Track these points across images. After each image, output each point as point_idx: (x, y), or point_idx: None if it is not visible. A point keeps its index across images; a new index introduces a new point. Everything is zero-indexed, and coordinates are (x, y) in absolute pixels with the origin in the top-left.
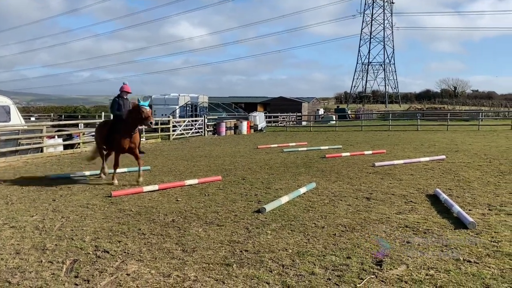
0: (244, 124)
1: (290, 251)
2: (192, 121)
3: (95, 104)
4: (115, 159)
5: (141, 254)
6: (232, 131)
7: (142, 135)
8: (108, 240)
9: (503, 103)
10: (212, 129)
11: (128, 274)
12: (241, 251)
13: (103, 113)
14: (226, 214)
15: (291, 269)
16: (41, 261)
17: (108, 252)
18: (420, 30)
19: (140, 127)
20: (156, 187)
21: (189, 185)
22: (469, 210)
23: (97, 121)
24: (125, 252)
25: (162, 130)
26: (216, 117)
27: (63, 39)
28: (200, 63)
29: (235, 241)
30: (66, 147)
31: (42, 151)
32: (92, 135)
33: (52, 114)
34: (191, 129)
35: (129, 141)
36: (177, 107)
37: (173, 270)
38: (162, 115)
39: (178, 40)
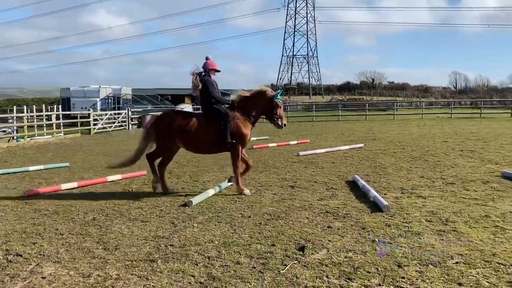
0: None
1: (217, 242)
2: (115, 114)
3: (7, 97)
4: (237, 159)
5: (59, 256)
6: None
7: (60, 129)
8: (21, 243)
9: (415, 93)
10: (137, 122)
11: (43, 277)
12: (166, 246)
13: (15, 107)
14: (151, 210)
15: (217, 261)
16: None
17: (21, 256)
18: (339, 24)
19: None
20: (75, 184)
21: (112, 181)
22: (384, 194)
23: (8, 115)
24: (40, 255)
25: (82, 124)
26: (141, 109)
27: None
28: (121, 53)
29: (160, 236)
30: None
31: None
32: (3, 131)
33: None
34: (114, 122)
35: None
36: (98, 99)
37: (94, 270)
38: (82, 108)
39: (97, 29)
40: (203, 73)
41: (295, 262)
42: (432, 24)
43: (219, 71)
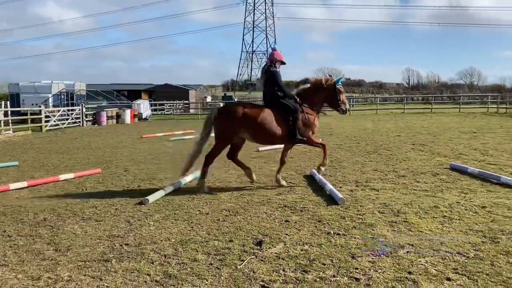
0: (127, 113)
1: (173, 240)
2: (68, 110)
3: None
4: (315, 142)
5: (6, 259)
6: (114, 121)
7: (9, 127)
8: None
9: (371, 90)
10: (91, 118)
11: None
12: (121, 245)
13: None
14: (106, 209)
15: (173, 258)
16: None
17: None
18: (298, 21)
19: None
20: (25, 183)
21: (64, 180)
22: (340, 187)
23: None
24: None
25: (33, 121)
26: (96, 105)
27: None
28: (74, 47)
29: (115, 235)
30: None
31: None
32: None
33: None
34: (67, 119)
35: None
36: (50, 95)
37: (44, 272)
38: (33, 104)
39: (48, 22)
40: (268, 64)
41: (252, 257)
42: (385, 21)
43: (285, 63)
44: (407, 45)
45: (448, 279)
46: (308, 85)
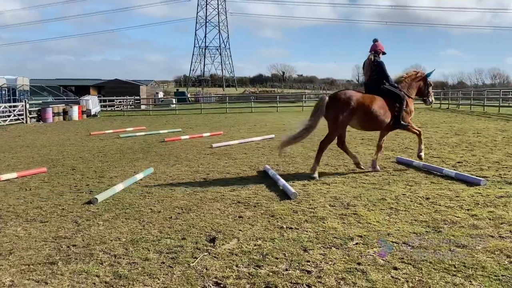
0: (75, 109)
1: (124, 240)
2: (10, 107)
3: None
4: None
5: None
6: (61, 117)
7: None
8: None
9: (322, 86)
10: (36, 115)
11: None
12: (68, 247)
13: None
14: (52, 209)
15: (123, 258)
16: None
17: None
18: (251, 17)
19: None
20: None
21: (6, 180)
22: (293, 182)
23: None
24: None
25: None
26: (41, 102)
27: None
28: (16, 40)
29: (61, 237)
30: None
31: None
32: None
33: None
34: (9, 116)
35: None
36: None
37: None
38: None
39: None
40: (374, 55)
41: (205, 254)
42: (335, 19)
43: (385, 53)
44: (356, 43)
45: (395, 268)
46: (405, 75)
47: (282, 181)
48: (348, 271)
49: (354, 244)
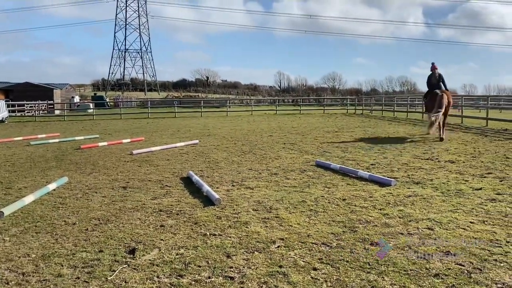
0: None
1: (34, 255)
2: None
3: None
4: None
5: None
6: None
7: None
8: None
9: (246, 92)
10: None
11: None
12: None
13: None
14: None
15: (33, 276)
16: None
17: None
18: (172, 21)
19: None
20: None
21: None
22: (217, 188)
23: None
24: None
25: None
26: None
27: None
28: None
29: None
30: None
31: None
32: None
33: None
34: None
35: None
36: None
37: None
38: None
39: None
40: (436, 70)
41: (124, 266)
42: (252, 26)
43: (437, 68)
44: (276, 50)
45: (315, 269)
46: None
47: (206, 187)
48: (270, 275)
49: (276, 247)
